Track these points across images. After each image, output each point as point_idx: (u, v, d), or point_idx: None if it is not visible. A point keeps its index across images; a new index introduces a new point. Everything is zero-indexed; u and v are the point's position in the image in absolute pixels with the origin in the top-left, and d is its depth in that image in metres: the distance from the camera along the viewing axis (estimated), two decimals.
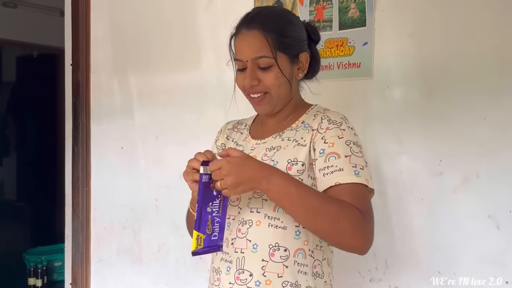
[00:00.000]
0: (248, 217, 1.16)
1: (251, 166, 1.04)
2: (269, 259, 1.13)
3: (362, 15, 1.61)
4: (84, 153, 2.59)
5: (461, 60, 1.44)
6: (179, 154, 2.21)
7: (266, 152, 1.20)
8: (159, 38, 2.30)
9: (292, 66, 1.20)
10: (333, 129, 1.13)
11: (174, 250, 2.22)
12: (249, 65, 1.17)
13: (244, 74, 1.18)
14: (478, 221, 1.42)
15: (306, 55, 1.21)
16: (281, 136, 1.21)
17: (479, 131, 1.41)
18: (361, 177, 1.08)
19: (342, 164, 1.09)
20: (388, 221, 1.57)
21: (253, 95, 1.20)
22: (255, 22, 1.17)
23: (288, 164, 1.14)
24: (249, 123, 1.35)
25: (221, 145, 1.36)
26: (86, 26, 2.59)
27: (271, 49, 1.14)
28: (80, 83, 2.58)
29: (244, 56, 1.17)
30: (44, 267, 3.78)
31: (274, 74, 1.16)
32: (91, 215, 2.61)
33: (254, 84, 1.17)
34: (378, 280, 1.60)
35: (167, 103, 2.26)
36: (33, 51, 5.30)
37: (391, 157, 1.57)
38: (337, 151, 1.10)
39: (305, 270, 1.14)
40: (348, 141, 1.12)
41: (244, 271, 1.15)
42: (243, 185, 1.03)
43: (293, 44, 1.18)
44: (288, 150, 1.16)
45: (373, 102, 1.61)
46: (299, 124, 1.21)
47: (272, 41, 1.14)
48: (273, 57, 1.14)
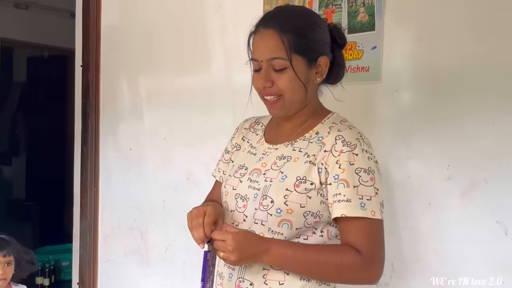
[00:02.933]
0: (252, 227, 1.16)
1: (252, 242, 1.10)
2: (270, 268, 1.14)
3: (371, 19, 1.61)
4: (93, 153, 2.61)
5: (471, 65, 1.43)
6: (187, 155, 2.22)
7: (276, 160, 1.19)
8: (168, 40, 2.31)
9: (309, 69, 1.16)
10: (346, 152, 1.10)
11: (181, 251, 2.23)
12: (263, 66, 1.14)
13: (259, 75, 1.16)
14: (486, 226, 1.40)
15: (326, 59, 1.17)
16: (293, 145, 1.19)
17: (487, 136, 1.40)
18: (367, 210, 1.08)
19: (350, 194, 1.08)
20: (395, 225, 1.56)
21: (267, 97, 1.17)
22: (273, 21, 1.14)
23: (297, 181, 1.13)
24: (265, 123, 1.33)
25: (235, 144, 1.35)
26: (96, 28, 2.62)
27: (287, 50, 1.11)
28: (90, 84, 2.60)
29: (259, 56, 1.15)
30: (51, 267, 3.80)
31: (288, 76, 1.13)
32: (99, 216, 2.63)
33: (268, 86, 1.14)
34: (384, 284, 1.59)
35: (175, 105, 2.27)
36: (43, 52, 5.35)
37: (399, 161, 1.57)
38: (347, 179, 1.09)
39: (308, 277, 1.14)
40: (358, 169, 1.09)
41: (245, 280, 1.16)
42: (245, 260, 1.09)
43: (311, 46, 1.14)
44: (299, 165, 1.15)
45: (382, 106, 1.61)
46: (312, 135, 1.18)
47: (288, 42, 1.11)
48: (288, 59, 1.11)
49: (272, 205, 1.13)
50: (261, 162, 1.21)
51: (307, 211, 1.12)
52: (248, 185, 1.20)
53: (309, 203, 1.12)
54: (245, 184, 1.20)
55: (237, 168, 1.27)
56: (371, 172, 1.10)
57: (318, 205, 1.12)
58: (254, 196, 1.17)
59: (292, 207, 1.11)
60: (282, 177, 1.14)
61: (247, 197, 1.18)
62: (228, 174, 1.31)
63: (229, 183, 1.26)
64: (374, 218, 1.08)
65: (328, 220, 1.15)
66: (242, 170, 1.24)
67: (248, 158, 1.27)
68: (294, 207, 1.11)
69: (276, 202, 1.12)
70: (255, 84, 1.18)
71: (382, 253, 1.11)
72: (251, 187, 1.19)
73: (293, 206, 1.11)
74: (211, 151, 2.09)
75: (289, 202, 1.12)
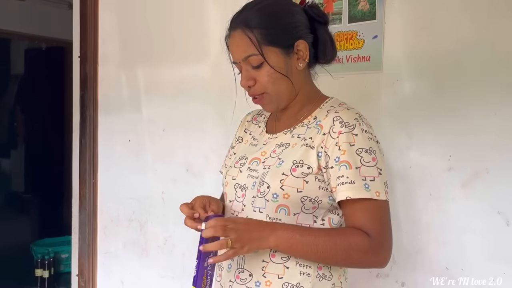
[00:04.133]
0: (251, 216, 1.15)
1: (256, 226, 1.07)
2: (269, 260, 1.12)
3: (372, 8, 1.59)
4: (91, 145, 2.60)
5: (473, 54, 1.42)
6: (186, 147, 2.21)
7: (275, 148, 1.18)
8: (167, 31, 2.29)
9: (287, 57, 1.14)
10: (345, 133, 1.08)
11: (180, 243, 2.23)
12: (242, 67, 1.15)
13: (241, 76, 1.17)
14: (488, 217, 1.40)
15: (304, 42, 1.15)
16: (292, 132, 1.19)
17: (490, 126, 1.39)
18: (371, 191, 1.06)
19: (353, 176, 1.06)
20: (396, 216, 1.55)
21: (252, 96, 1.18)
22: (238, 20, 1.15)
23: (293, 165, 1.11)
24: (267, 115, 1.33)
25: (238, 138, 1.36)
26: (94, 19, 2.59)
27: (256, 46, 1.11)
28: (88, 76, 2.58)
29: (235, 58, 1.16)
30: (51, 259, 3.81)
31: (266, 71, 1.13)
32: (98, 208, 2.62)
33: (251, 85, 1.15)
34: (385, 275, 1.59)
35: (174, 96, 2.25)
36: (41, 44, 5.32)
37: (400, 152, 1.56)
38: (348, 160, 1.07)
39: (308, 271, 1.12)
40: (359, 149, 1.07)
41: (244, 270, 1.15)
42: (252, 243, 1.05)
43: (282, 34, 1.13)
44: (295, 150, 1.14)
45: (383, 96, 1.60)
46: (311, 120, 1.17)
47: (255, 37, 1.11)
48: (259, 53, 1.11)
49: (268, 190, 1.11)
50: (261, 151, 1.21)
51: (304, 196, 1.10)
52: (248, 174, 1.19)
53: (306, 188, 1.10)
54: (245, 174, 1.20)
55: (238, 159, 1.26)
56: (373, 152, 1.08)
57: (316, 190, 1.10)
58: (252, 185, 1.16)
59: (288, 192, 1.10)
60: (279, 163, 1.13)
61: (246, 186, 1.18)
62: (229, 165, 1.30)
63: (229, 173, 1.26)
64: (379, 199, 1.06)
65: (328, 207, 1.13)
66: (242, 160, 1.24)
67: (249, 149, 1.27)
68: (290, 191, 1.10)
69: (272, 187, 1.11)
70: (241, 84, 1.19)
71: (390, 235, 1.09)
72: (250, 176, 1.18)
73: (290, 190, 1.10)
74: (211, 142, 2.08)
75: (285, 187, 1.10)
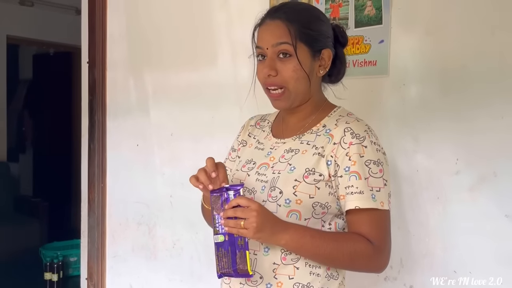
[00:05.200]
0: None
1: (273, 218, 1.08)
2: (280, 263, 1.14)
3: (378, 13, 1.60)
4: (100, 149, 2.62)
5: (479, 58, 1.42)
6: (194, 151, 2.22)
7: (284, 154, 1.19)
8: (174, 36, 2.31)
9: (313, 60, 1.17)
10: (355, 144, 1.11)
11: (189, 246, 2.24)
12: (268, 54, 1.16)
13: (264, 64, 1.17)
14: (495, 220, 1.40)
15: (329, 51, 1.19)
16: (301, 139, 1.20)
17: (496, 130, 1.39)
18: (377, 201, 1.10)
19: (362, 186, 1.10)
20: (404, 219, 1.56)
21: (271, 88, 1.17)
22: (279, 12, 1.17)
23: (306, 172, 1.13)
24: (271, 120, 1.34)
25: (242, 141, 1.36)
26: (102, 24, 2.62)
27: (292, 37, 1.13)
28: (97, 81, 2.61)
29: (264, 43, 1.16)
30: (60, 262, 3.82)
31: (292, 66, 1.14)
32: (106, 211, 2.64)
33: (272, 74, 1.15)
34: (393, 278, 1.59)
35: (182, 100, 2.27)
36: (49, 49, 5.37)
37: (407, 155, 1.56)
38: (358, 171, 1.10)
39: (318, 271, 1.14)
40: (368, 161, 1.11)
41: (255, 272, 1.16)
42: (263, 232, 1.05)
43: (316, 37, 1.16)
44: (307, 157, 1.15)
45: (389, 100, 1.60)
46: (320, 128, 1.19)
47: (294, 31, 1.13)
48: (292, 45, 1.13)
49: (281, 196, 1.13)
50: (270, 156, 1.22)
51: (315, 202, 1.13)
52: (256, 178, 1.20)
53: (318, 194, 1.13)
54: (253, 178, 1.21)
55: (244, 162, 1.27)
56: (380, 164, 1.12)
57: (326, 196, 1.14)
58: (261, 189, 1.17)
59: (301, 198, 1.12)
60: (290, 169, 1.15)
61: (254, 190, 1.19)
62: (235, 169, 1.31)
63: (236, 177, 1.26)
64: (382, 209, 1.11)
65: (336, 212, 1.16)
66: (250, 165, 1.25)
67: (255, 153, 1.28)
68: (303, 197, 1.12)
69: (285, 193, 1.13)
70: (259, 74, 1.19)
71: (390, 243, 1.15)
72: (258, 180, 1.19)
73: (302, 196, 1.12)
74: (218, 146, 2.09)
75: (298, 193, 1.12)
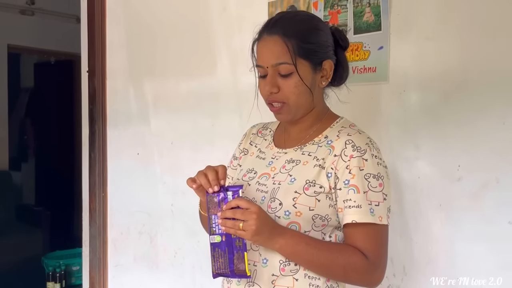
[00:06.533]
0: None
1: (271, 222, 1.08)
2: (279, 274, 1.13)
3: (377, 19, 1.59)
4: (100, 158, 2.62)
5: (480, 63, 1.42)
6: (194, 159, 2.22)
7: (285, 164, 1.19)
8: (174, 45, 2.31)
9: (314, 73, 1.16)
10: (356, 158, 1.11)
11: (190, 255, 2.23)
12: (269, 72, 1.15)
13: (265, 81, 1.16)
14: (498, 227, 1.39)
15: (331, 62, 1.18)
16: (302, 150, 1.19)
17: (498, 135, 1.38)
18: (375, 216, 1.09)
19: (360, 200, 1.09)
20: (406, 227, 1.55)
21: (273, 103, 1.17)
22: (277, 27, 1.14)
23: (306, 184, 1.13)
24: (273, 129, 1.33)
25: (243, 149, 1.35)
26: (101, 33, 2.62)
27: (292, 55, 1.12)
28: (97, 90, 2.61)
29: (264, 63, 1.15)
30: (62, 271, 3.82)
31: (294, 82, 1.13)
32: (107, 221, 2.64)
33: (274, 92, 1.15)
34: (396, 286, 1.58)
35: (182, 109, 2.27)
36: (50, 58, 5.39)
37: (408, 162, 1.55)
38: (357, 185, 1.10)
39: (317, 283, 1.13)
40: (368, 174, 1.10)
41: (254, 284, 1.15)
42: (260, 236, 1.06)
43: (316, 50, 1.15)
44: (308, 169, 1.15)
45: (390, 106, 1.60)
46: (321, 139, 1.18)
47: (293, 47, 1.12)
48: (293, 63, 1.12)
49: (280, 207, 1.13)
50: (271, 167, 1.21)
51: (315, 214, 1.12)
52: (256, 188, 1.20)
53: (318, 206, 1.12)
54: (253, 187, 1.20)
55: (246, 172, 1.27)
56: (380, 178, 1.11)
57: (326, 208, 1.13)
58: (261, 199, 1.17)
59: (300, 210, 1.11)
60: (290, 180, 1.14)
61: (254, 200, 1.18)
62: (236, 178, 1.30)
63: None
64: (380, 224, 1.10)
65: (336, 224, 1.15)
66: (251, 174, 1.24)
67: (257, 162, 1.27)
68: (302, 209, 1.11)
69: (285, 205, 1.12)
70: (261, 91, 1.19)
71: (385, 259, 1.13)
72: (259, 190, 1.19)
73: (302, 208, 1.11)
74: (219, 154, 2.09)
75: (297, 205, 1.11)
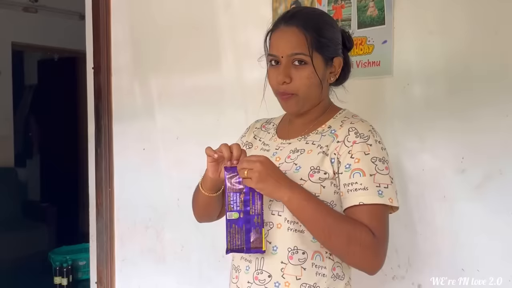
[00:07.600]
0: (269, 219, 1.17)
1: (279, 172, 1.09)
2: (288, 262, 1.15)
3: (380, 13, 1.60)
4: (107, 154, 2.64)
5: (483, 57, 1.43)
6: (200, 154, 2.22)
7: (290, 154, 1.20)
8: (178, 40, 2.32)
9: (325, 67, 1.19)
10: (359, 143, 1.12)
11: (197, 249, 2.25)
12: (283, 61, 1.16)
13: (278, 70, 1.17)
14: (502, 218, 1.40)
15: (340, 60, 1.21)
16: (306, 139, 1.21)
17: (501, 128, 1.40)
18: (384, 197, 1.09)
19: (367, 182, 1.09)
20: (410, 218, 1.57)
21: (283, 93, 1.18)
22: (295, 19, 1.16)
23: (311, 171, 1.14)
24: (276, 123, 1.35)
25: (246, 142, 1.36)
26: (106, 29, 2.63)
27: (309, 47, 1.13)
28: (102, 86, 2.62)
29: (280, 52, 1.16)
30: (69, 266, 3.85)
31: (307, 73, 1.15)
32: (114, 215, 2.66)
33: (287, 82, 1.16)
34: (400, 277, 1.60)
35: (187, 104, 2.28)
36: (54, 55, 5.40)
37: (412, 155, 1.57)
38: (363, 168, 1.10)
39: (324, 272, 1.15)
40: (374, 158, 1.11)
41: (263, 271, 1.17)
42: (267, 182, 1.06)
43: (329, 46, 1.17)
44: (312, 156, 1.16)
45: (394, 100, 1.61)
46: (325, 129, 1.20)
47: (310, 39, 1.14)
48: (309, 55, 1.14)
49: None
50: (275, 157, 1.22)
51: (321, 200, 1.12)
52: None
53: (323, 193, 1.13)
54: None
55: None
56: (386, 162, 1.12)
57: (332, 194, 1.14)
58: None
59: None
60: (296, 168, 1.16)
61: None
62: None
63: None
64: (391, 205, 1.10)
65: (341, 210, 1.15)
66: None
67: (261, 154, 1.28)
68: None
69: None
70: (272, 80, 1.19)
71: (387, 244, 1.11)
72: None
73: None
74: None
75: None
